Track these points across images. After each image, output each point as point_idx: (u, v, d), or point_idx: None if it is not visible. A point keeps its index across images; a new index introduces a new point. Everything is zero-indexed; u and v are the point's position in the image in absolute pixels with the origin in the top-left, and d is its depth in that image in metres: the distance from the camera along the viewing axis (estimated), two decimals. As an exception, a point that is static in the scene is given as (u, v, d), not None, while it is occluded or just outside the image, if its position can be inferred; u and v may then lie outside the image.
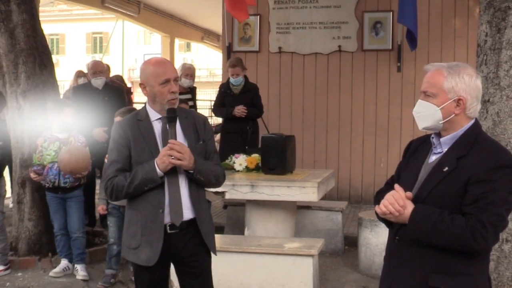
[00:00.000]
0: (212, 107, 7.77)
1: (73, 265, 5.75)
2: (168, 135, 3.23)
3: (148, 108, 3.32)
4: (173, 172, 3.19)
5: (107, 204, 5.46)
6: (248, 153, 6.32)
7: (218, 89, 7.88)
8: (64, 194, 5.66)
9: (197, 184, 3.28)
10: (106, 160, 5.28)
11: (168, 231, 3.21)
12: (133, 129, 3.26)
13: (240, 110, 7.41)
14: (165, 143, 3.21)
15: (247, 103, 7.56)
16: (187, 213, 3.25)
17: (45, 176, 5.58)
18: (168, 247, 3.22)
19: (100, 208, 5.57)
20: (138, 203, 3.24)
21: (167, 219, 3.21)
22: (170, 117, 3.21)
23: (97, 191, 7.06)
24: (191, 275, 3.35)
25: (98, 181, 7.34)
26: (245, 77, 7.69)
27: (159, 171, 3.14)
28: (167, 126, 3.23)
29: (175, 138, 3.18)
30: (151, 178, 3.15)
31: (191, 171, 3.20)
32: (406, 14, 7.50)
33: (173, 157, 3.10)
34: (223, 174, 3.45)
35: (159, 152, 3.19)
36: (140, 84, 3.32)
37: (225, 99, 7.60)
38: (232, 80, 7.55)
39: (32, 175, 5.58)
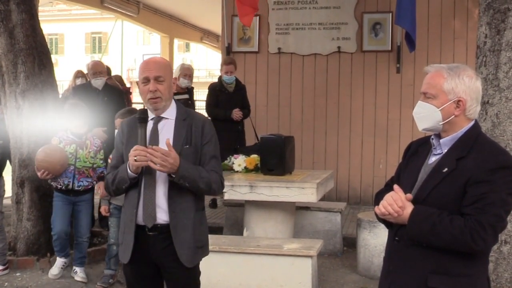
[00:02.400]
0: (206, 108, 7.77)
1: (72, 268, 5.74)
2: (155, 135, 3.23)
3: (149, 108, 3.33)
4: (150, 173, 3.16)
5: (109, 204, 5.46)
6: (239, 152, 6.37)
7: (208, 90, 7.91)
8: (76, 197, 5.54)
9: (182, 188, 3.17)
10: (109, 160, 5.32)
11: (148, 233, 3.20)
12: (131, 128, 3.28)
13: (238, 115, 7.49)
14: (151, 143, 3.17)
15: (239, 102, 7.70)
16: (164, 216, 3.18)
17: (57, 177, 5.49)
18: (147, 249, 3.21)
19: (102, 209, 5.58)
20: (125, 202, 3.32)
21: (140, 220, 3.19)
22: (140, 117, 3.20)
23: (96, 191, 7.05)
24: (172, 282, 3.33)
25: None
26: (235, 77, 7.82)
27: (129, 172, 3.14)
28: (139, 126, 3.19)
29: (145, 140, 3.14)
30: (123, 178, 3.18)
31: (173, 176, 3.11)
32: (404, 16, 7.52)
33: (135, 158, 3.06)
34: (219, 181, 3.30)
35: None
36: (136, 83, 3.37)
37: (219, 98, 7.66)
38: (226, 77, 7.66)
39: (40, 174, 5.39)
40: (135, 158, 3.06)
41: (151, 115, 3.27)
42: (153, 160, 3.03)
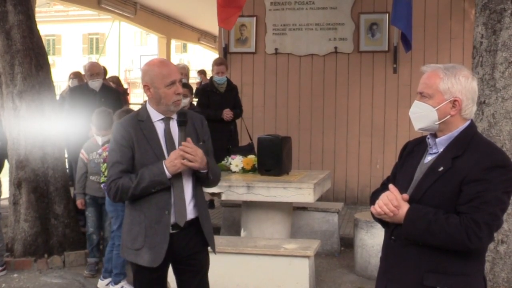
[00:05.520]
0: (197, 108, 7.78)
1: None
2: (171, 136, 3.25)
3: (149, 109, 3.29)
4: (177, 173, 3.19)
5: (84, 197, 5.66)
6: (232, 152, 6.39)
7: (199, 91, 7.95)
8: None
9: (202, 183, 3.34)
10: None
11: (171, 231, 3.22)
12: (136, 130, 3.23)
13: (228, 115, 7.50)
14: (169, 144, 3.22)
15: (231, 102, 7.72)
16: (190, 213, 3.27)
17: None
18: (170, 247, 3.22)
19: (78, 202, 5.71)
20: (142, 204, 3.22)
21: (171, 220, 3.22)
22: (180, 120, 3.22)
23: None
24: (190, 274, 3.37)
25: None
26: (227, 77, 7.84)
27: (168, 174, 3.14)
28: (178, 129, 3.24)
29: (185, 140, 3.18)
30: (160, 181, 3.14)
31: (204, 171, 3.22)
32: (400, 16, 7.53)
33: (184, 159, 3.11)
34: (221, 173, 3.55)
35: (163, 154, 3.20)
36: (144, 86, 3.28)
37: (210, 98, 7.68)
38: (217, 78, 7.68)
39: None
40: (183, 159, 3.11)
41: (159, 115, 3.27)
42: (187, 157, 3.11)
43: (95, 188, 5.58)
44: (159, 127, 3.26)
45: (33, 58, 6.17)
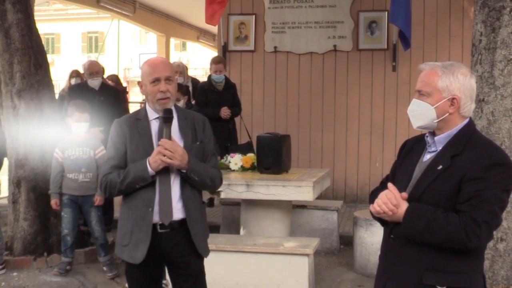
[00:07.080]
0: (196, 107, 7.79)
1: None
2: (163, 134, 3.24)
3: (147, 107, 3.32)
4: (165, 171, 3.18)
5: (60, 197, 5.62)
6: (230, 150, 6.39)
7: (197, 89, 7.97)
8: None
9: (191, 184, 3.26)
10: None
11: (159, 230, 3.21)
12: (131, 128, 3.27)
13: (226, 113, 7.51)
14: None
15: (229, 100, 7.74)
16: (178, 213, 3.23)
17: None
18: (158, 247, 3.22)
19: (53, 202, 5.67)
20: (131, 201, 3.25)
21: (156, 218, 3.20)
22: (165, 117, 3.20)
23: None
24: (183, 277, 3.34)
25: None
26: (225, 76, 7.85)
27: (150, 170, 3.14)
28: (163, 126, 3.22)
29: (169, 138, 3.16)
30: (142, 177, 3.16)
31: (183, 171, 3.18)
32: (398, 14, 7.53)
33: (165, 156, 3.10)
34: (220, 177, 3.43)
35: (153, 151, 3.20)
36: (138, 83, 3.36)
37: (208, 97, 7.69)
38: (215, 76, 7.70)
39: None
40: (164, 156, 3.10)
41: (154, 114, 3.28)
42: (166, 154, 3.09)
43: (73, 187, 5.59)
44: (154, 126, 3.28)
45: (32, 57, 6.16)
